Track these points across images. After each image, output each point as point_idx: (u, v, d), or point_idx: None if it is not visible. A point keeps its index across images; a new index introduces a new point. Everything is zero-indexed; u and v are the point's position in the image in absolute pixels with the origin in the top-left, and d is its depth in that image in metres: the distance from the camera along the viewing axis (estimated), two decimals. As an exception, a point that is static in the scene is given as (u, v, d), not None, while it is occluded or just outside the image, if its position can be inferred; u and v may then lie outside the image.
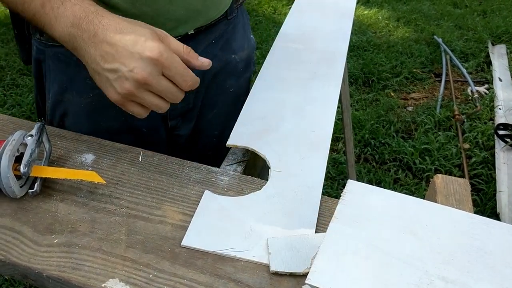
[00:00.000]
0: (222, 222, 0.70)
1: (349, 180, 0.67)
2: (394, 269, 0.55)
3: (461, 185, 0.71)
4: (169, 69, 0.66)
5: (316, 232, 0.69)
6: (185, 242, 0.67)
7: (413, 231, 0.59)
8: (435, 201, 0.70)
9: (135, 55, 0.65)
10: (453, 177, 0.72)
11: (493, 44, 3.49)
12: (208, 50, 1.00)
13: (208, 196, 0.74)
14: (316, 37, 1.24)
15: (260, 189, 0.76)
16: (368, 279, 0.54)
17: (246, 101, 0.97)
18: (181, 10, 0.90)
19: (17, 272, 0.65)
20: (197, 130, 1.10)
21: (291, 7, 1.37)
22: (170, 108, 0.97)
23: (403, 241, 0.58)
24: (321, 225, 0.72)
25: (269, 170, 0.80)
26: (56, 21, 0.68)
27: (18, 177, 0.71)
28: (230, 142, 0.85)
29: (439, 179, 0.72)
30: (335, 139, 2.56)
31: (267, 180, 0.79)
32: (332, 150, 2.51)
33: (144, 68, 0.65)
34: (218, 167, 0.83)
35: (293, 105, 0.95)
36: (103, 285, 0.62)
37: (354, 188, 0.65)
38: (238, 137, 0.87)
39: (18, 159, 0.70)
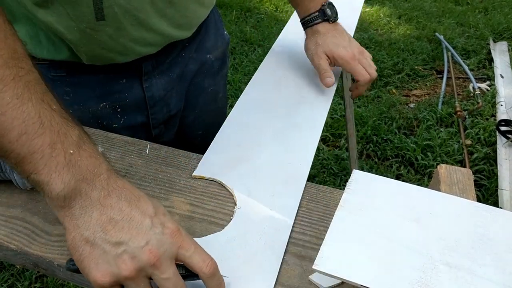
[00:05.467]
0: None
1: (354, 170, 0.68)
2: (399, 255, 0.56)
3: (464, 175, 0.72)
4: (187, 249, 0.55)
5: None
6: None
7: (417, 218, 0.60)
8: (438, 190, 0.71)
9: (155, 229, 0.54)
10: (456, 167, 0.73)
11: (494, 41, 3.49)
12: (183, 53, 1.00)
13: None
14: None
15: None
16: (374, 264, 0.55)
17: (222, 126, 0.89)
18: (159, 37, 0.89)
19: (29, 261, 0.67)
20: (180, 133, 1.10)
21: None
22: (152, 117, 0.99)
23: (407, 228, 0.59)
24: (328, 215, 0.72)
25: (235, 207, 0.73)
26: (65, 168, 0.53)
27: (29, 169, 0.72)
28: (196, 172, 0.78)
29: (443, 169, 0.73)
30: (338, 136, 2.57)
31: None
32: (334, 146, 2.52)
33: (160, 246, 0.53)
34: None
35: (274, 131, 0.87)
36: (113, 273, 0.63)
37: (359, 178, 0.66)
38: (207, 167, 0.79)
39: (28, 151, 0.72)
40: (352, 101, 1.94)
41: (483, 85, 3.00)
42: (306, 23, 1.01)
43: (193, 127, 1.11)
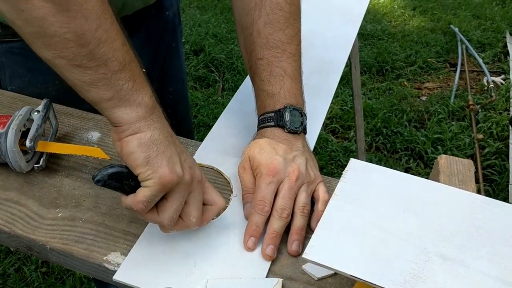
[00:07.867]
0: (164, 255, 0.63)
1: (351, 158, 0.67)
2: (391, 245, 0.54)
3: (465, 166, 0.70)
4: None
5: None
6: (117, 276, 0.61)
7: (413, 209, 0.59)
8: (438, 181, 0.69)
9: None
10: (457, 158, 0.71)
11: (511, 34, 3.42)
12: (144, 11, 1.00)
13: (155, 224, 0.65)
14: (315, 43, 1.11)
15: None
16: (365, 255, 0.54)
17: (222, 114, 0.88)
18: None
19: (22, 244, 0.67)
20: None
21: None
22: None
23: (402, 218, 0.57)
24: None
25: (231, 195, 0.73)
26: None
27: (25, 152, 0.72)
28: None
29: (443, 160, 0.71)
30: (347, 127, 2.54)
31: None
32: (343, 138, 2.50)
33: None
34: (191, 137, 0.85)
35: None
36: (104, 258, 0.63)
37: (356, 166, 0.65)
38: (205, 155, 0.79)
39: (25, 134, 0.71)
40: (361, 92, 1.92)
41: (498, 79, 2.95)
42: (258, 124, 0.78)
43: (163, 83, 1.14)
